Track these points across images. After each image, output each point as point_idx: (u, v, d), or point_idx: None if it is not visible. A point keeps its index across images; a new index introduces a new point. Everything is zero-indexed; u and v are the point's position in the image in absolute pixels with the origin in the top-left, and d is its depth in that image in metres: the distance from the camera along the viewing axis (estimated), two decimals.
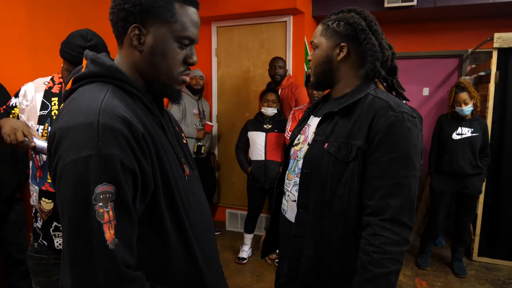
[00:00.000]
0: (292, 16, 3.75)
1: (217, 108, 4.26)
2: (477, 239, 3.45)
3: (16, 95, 1.59)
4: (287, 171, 1.36)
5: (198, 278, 0.91)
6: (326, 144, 1.17)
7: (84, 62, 0.90)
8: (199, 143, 3.80)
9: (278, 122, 3.34)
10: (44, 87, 1.58)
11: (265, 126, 3.35)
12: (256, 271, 3.30)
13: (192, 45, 0.91)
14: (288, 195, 1.31)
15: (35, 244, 1.54)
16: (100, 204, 0.70)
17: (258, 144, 3.32)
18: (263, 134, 3.32)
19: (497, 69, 3.26)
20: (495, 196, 3.40)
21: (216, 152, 4.31)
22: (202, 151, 3.79)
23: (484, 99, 3.40)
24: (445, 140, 3.17)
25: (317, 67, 1.25)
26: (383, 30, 1.21)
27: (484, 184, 3.36)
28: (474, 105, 3.06)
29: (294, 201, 1.27)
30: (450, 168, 3.14)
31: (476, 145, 3.08)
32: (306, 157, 1.22)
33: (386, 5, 3.57)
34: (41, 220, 1.52)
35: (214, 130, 4.26)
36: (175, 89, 0.92)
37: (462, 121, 3.12)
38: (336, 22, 1.20)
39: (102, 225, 0.70)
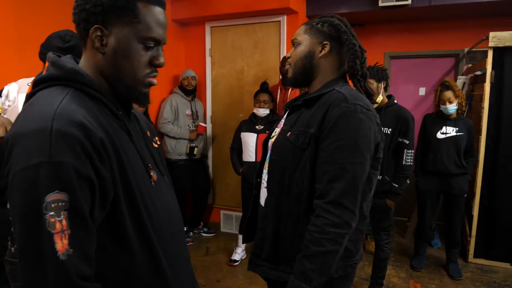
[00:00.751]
0: (285, 16, 3.72)
1: (211, 109, 4.23)
2: (472, 240, 3.41)
3: None
4: (265, 162, 1.43)
5: (163, 286, 0.88)
6: (289, 133, 1.28)
7: (47, 64, 0.87)
8: (191, 144, 3.78)
9: (270, 123, 3.31)
10: (27, 88, 1.55)
11: (257, 127, 3.31)
12: (249, 273, 3.25)
13: (158, 46, 0.88)
14: (263, 183, 1.41)
15: (12, 248, 1.51)
16: (52, 213, 0.67)
17: (249, 145, 3.29)
18: (255, 135, 3.28)
19: (493, 68, 3.22)
20: (491, 197, 3.36)
21: (210, 153, 4.28)
22: (194, 153, 3.77)
23: (480, 98, 3.36)
24: (429, 139, 3.17)
25: (298, 62, 1.31)
26: (378, 30, 1.36)
27: (479, 184, 3.32)
28: (459, 105, 3.07)
29: (266, 187, 1.37)
30: (434, 167, 3.13)
31: (461, 145, 3.08)
32: (273, 145, 1.35)
33: (381, 4, 3.53)
34: None
35: (208, 131, 4.23)
36: (141, 91, 0.88)
37: (446, 120, 3.11)
38: (320, 23, 1.30)
39: (53, 235, 0.67)
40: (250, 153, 3.29)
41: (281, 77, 3.46)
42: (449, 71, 4.37)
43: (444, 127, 3.11)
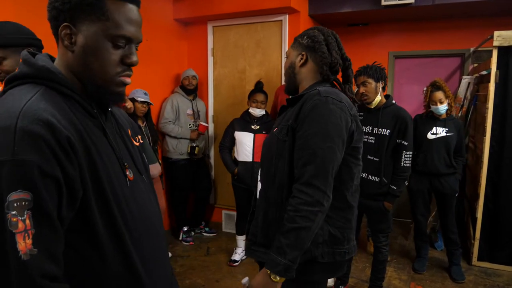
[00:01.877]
0: (287, 15, 3.69)
1: (213, 108, 4.22)
2: (476, 243, 3.35)
3: None
4: None
5: (137, 287, 0.86)
6: (276, 129, 1.45)
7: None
8: (192, 144, 3.77)
9: (266, 123, 3.29)
10: None
11: (252, 126, 3.29)
12: (249, 273, 3.24)
13: (130, 44, 0.85)
14: (258, 177, 1.60)
15: None
16: (14, 212, 0.66)
17: (246, 145, 3.27)
18: (251, 135, 3.26)
19: (497, 68, 3.16)
20: (496, 199, 3.29)
21: (212, 152, 4.27)
22: (196, 152, 3.76)
23: (485, 99, 3.30)
24: (420, 139, 3.16)
25: (286, 72, 1.53)
26: (382, 29, 1.48)
27: (484, 186, 3.26)
28: (449, 105, 3.06)
29: (260, 180, 1.55)
30: (425, 167, 3.13)
31: (451, 145, 3.08)
32: (264, 141, 1.55)
33: (383, 3, 3.48)
34: None
35: (210, 130, 4.22)
36: (113, 91, 0.86)
37: (437, 120, 3.11)
38: (301, 37, 1.48)
39: (14, 234, 0.66)
40: (246, 153, 3.28)
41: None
42: (455, 71, 4.31)
43: (434, 128, 3.11)
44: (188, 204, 4.04)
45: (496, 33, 3.09)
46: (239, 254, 3.47)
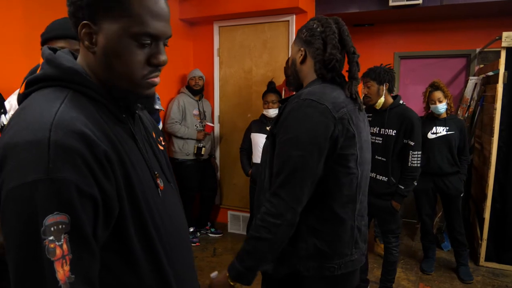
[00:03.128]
0: (295, 15, 3.69)
1: (219, 109, 4.21)
2: (484, 243, 3.35)
3: (4, 112, 1.44)
4: None
5: None
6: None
7: (42, 60, 0.78)
8: (199, 145, 3.76)
9: None
10: None
11: (267, 128, 3.29)
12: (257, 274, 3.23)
13: (157, 41, 0.75)
14: None
15: None
16: (51, 238, 0.59)
17: (259, 146, 3.27)
18: (264, 136, 3.25)
19: (506, 69, 3.16)
20: (503, 200, 3.30)
21: (218, 153, 4.26)
22: (202, 153, 3.75)
23: (492, 99, 3.31)
24: (422, 140, 3.13)
25: (290, 69, 1.42)
26: (387, 29, 1.34)
27: (491, 187, 3.27)
28: (448, 105, 3.09)
29: None
30: (428, 167, 3.14)
31: (453, 143, 3.09)
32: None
33: (391, 3, 3.48)
34: None
35: (216, 131, 4.21)
36: (141, 94, 0.78)
37: (436, 120, 3.14)
38: (302, 29, 1.35)
39: (53, 263, 0.59)
40: (259, 154, 3.27)
41: (285, 78, 3.45)
42: (460, 71, 4.32)
43: (434, 127, 3.14)
44: (194, 205, 4.03)
45: (504, 34, 3.09)
46: None
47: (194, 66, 4.17)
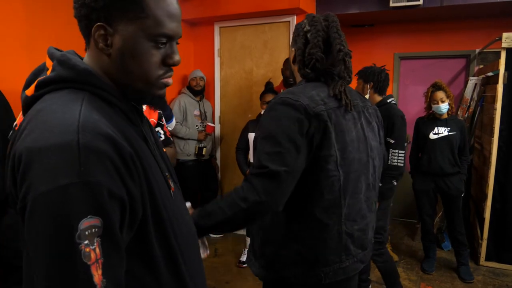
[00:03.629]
0: (295, 16, 3.69)
1: (220, 109, 4.21)
2: (484, 243, 3.37)
3: None
4: None
5: None
6: None
7: (49, 62, 0.76)
8: (200, 145, 3.77)
9: None
10: None
11: None
12: (252, 275, 3.24)
13: (172, 42, 0.77)
14: None
15: None
16: (86, 242, 0.58)
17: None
18: None
19: (506, 69, 3.18)
20: (504, 200, 3.32)
21: (218, 153, 4.27)
22: (203, 153, 3.76)
23: (492, 100, 3.32)
24: (423, 141, 3.21)
25: (287, 70, 1.48)
26: (387, 30, 1.31)
27: (491, 187, 3.28)
28: (449, 105, 3.11)
29: None
30: (429, 167, 3.16)
31: (454, 143, 3.11)
32: None
33: (392, 4, 3.49)
34: None
35: (217, 131, 4.21)
36: (155, 94, 0.79)
37: (438, 121, 3.16)
38: (296, 28, 1.33)
39: (89, 267, 0.58)
40: None
41: (282, 78, 3.46)
42: (460, 72, 4.33)
43: (436, 128, 3.16)
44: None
45: (504, 34, 3.11)
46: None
47: (195, 67, 4.17)
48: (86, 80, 0.71)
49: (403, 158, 2.48)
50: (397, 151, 2.49)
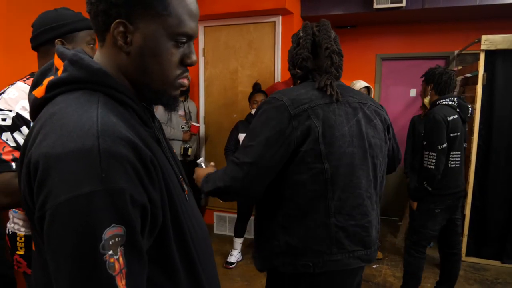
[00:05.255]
0: (281, 17, 3.70)
1: (205, 109, 4.18)
2: (465, 239, 3.47)
3: (14, 128, 1.22)
4: None
5: None
6: None
7: (58, 61, 0.73)
8: (186, 145, 3.72)
9: None
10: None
11: None
12: (246, 275, 3.24)
13: (190, 41, 0.76)
14: None
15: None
16: (110, 252, 0.56)
17: None
18: None
19: (485, 71, 3.29)
20: (483, 197, 3.43)
21: (203, 153, 4.23)
22: (189, 153, 3.71)
23: (472, 100, 3.43)
24: (419, 139, 3.24)
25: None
26: (370, 31, 1.44)
27: (471, 184, 3.38)
28: None
29: None
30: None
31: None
32: None
33: (375, 6, 3.56)
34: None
35: (202, 131, 4.18)
36: (171, 95, 0.77)
37: None
38: None
39: (114, 278, 0.56)
40: None
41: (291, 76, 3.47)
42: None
43: None
44: None
45: (483, 37, 3.21)
46: (235, 256, 3.45)
47: None
48: (100, 81, 0.69)
49: (433, 160, 2.41)
50: (427, 152, 2.44)
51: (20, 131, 1.23)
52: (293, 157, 1.25)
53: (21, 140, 1.22)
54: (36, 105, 0.70)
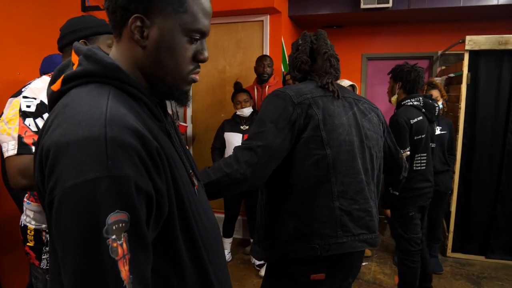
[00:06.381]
0: (269, 16, 3.70)
1: (192, 109, 4.14)
2: (450, 235, 3.55)
3: (36, 115, 1.34)
4: None
5: None
6: None
7: (74, 57, 0.76)
8: None
9: None
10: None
11: (242, 127, 3.27)
12: (237, 275, 3.22)
13: (203, 38, 0.79)
14: None
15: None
16: (114, 237, 0.58)
17: (234, 145, 3.23)
18: (240, 135, 3.24)
19: (469, 70, 3.36)
20: (467, 194, 3.51)
21: (191, 152, 4.18)
22: None
23: (456, 99, 3.50)
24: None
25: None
26: (356, 31, 1.55)
27: (457, 182, 3.46)
28: (442, 105, 3.18)
29: None
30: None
31: (444, 143, 3.21)
32: None
33: (362, 6, 3.59)
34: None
35: (189, 131, 4.14)
36: (183, 89, 0.80)
37: None
38: None
39: (117, 262, 0.57)
40: None
41: (256, 76, 3.50)
42: (423, 72, 4.53)
43: None
44: None
45: (468, 37, 3.28)
46: (225, 256, 3.42)
47: None
48: (112, 75, 0.71)
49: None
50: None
51: (43, 118, 1.34)
52: (296, 144, 1.33)
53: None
54: (53, 98, 0.73)
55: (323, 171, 1.32)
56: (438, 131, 3.19)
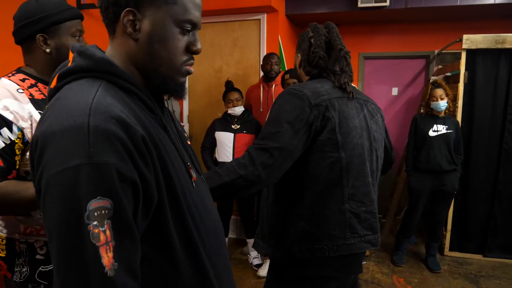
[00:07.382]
0: (266, 14, 3.68)
1: (188, 108, 4.11)
2: (448, 234, 3.55)
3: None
4: None
5: None
6: None
7: (71, 54, 0.77)
8: None
9: (247, 122, 3.23)
10: (22, 95, 1.20)
11: (233, 126, 3.24)
12: (234, 276, 3.13)
13: (195, 30, 0.80)
14: None
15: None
16: (95, 223, 0.58)
17: (226, 145, 3.21)
18: (231, 134, 3.20)
19: (466, 69, 3.37)
20: (464, 193, 3.51)
21: None
22: None
23: (454, 98, 3.50)
24: (422, 138, 3.25)
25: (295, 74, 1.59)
26: (353, 30, 1.51)
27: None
28: (448, 103, 3.20)
29: None
30: (427, 165, 3.21)
31: (451, 142, 3.19)
32: None
33: (360, 5, 3.59)
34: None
35: (186, 130, 4.10)
36: (178, 81, 0.81)
37: (436, 118, 3.23)
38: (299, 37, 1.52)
39: (98, 248, 0.58)
40: (227, 153, 3.21)
41: (262, 74, 3.44)
42: (420, 72, 4.54)
43: (435, 125, 3.22)
44: None
45: (465, 36, 3.29)
46: None
47: None
48: (103, 69, 0.72)
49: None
50: None
51: (0, 134, 1.13)
52: (311, 146, 1.31)
53: (0, 143, 1.13)
54: (50, 95, 0.75)
55: (337, 174, 1.32)
56: (444, 130, 3.19)
